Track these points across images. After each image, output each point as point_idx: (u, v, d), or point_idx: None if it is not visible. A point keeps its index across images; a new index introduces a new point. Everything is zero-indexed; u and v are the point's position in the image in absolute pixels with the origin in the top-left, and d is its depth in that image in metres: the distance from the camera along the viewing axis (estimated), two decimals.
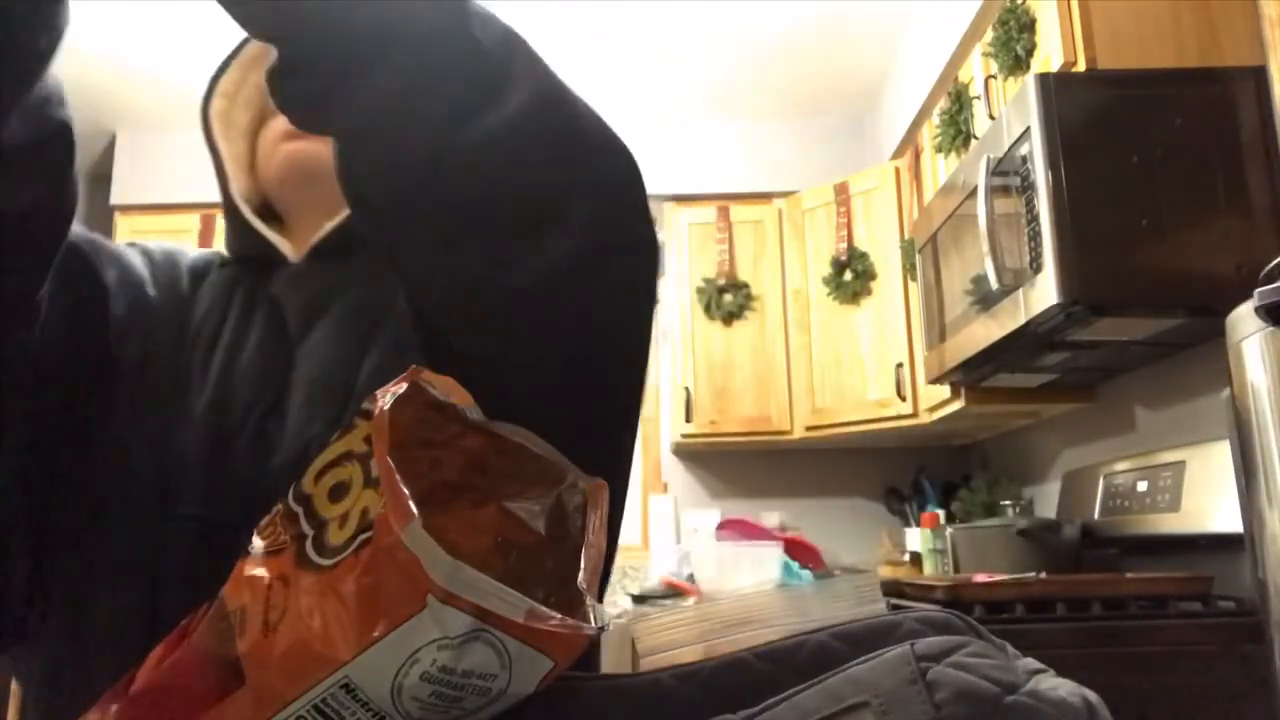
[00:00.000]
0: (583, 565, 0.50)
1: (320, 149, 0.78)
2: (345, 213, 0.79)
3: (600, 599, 0.51)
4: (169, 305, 0.78)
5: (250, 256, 0.82)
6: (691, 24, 3.04)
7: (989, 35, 2.25)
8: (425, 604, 0.41)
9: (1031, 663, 0.37)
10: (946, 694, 0.35)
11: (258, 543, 0.50)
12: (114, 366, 0.73)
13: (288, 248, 0.81)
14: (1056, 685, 0.35)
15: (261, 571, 0.47)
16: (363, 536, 0.44)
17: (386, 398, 0.48)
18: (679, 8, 2.95)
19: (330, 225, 0.80)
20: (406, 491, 0.43)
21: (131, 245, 0.82)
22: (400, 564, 0.41)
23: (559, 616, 0.44)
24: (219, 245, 0.87)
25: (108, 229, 3.56)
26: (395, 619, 0.41)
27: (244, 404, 0.73)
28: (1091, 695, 0.35)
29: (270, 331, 0.77)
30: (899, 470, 3.55)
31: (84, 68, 3.24)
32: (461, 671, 0.43)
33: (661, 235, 3.69)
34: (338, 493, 0.47)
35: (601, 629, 0.46)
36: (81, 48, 3.12)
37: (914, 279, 2.77)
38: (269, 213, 0.86)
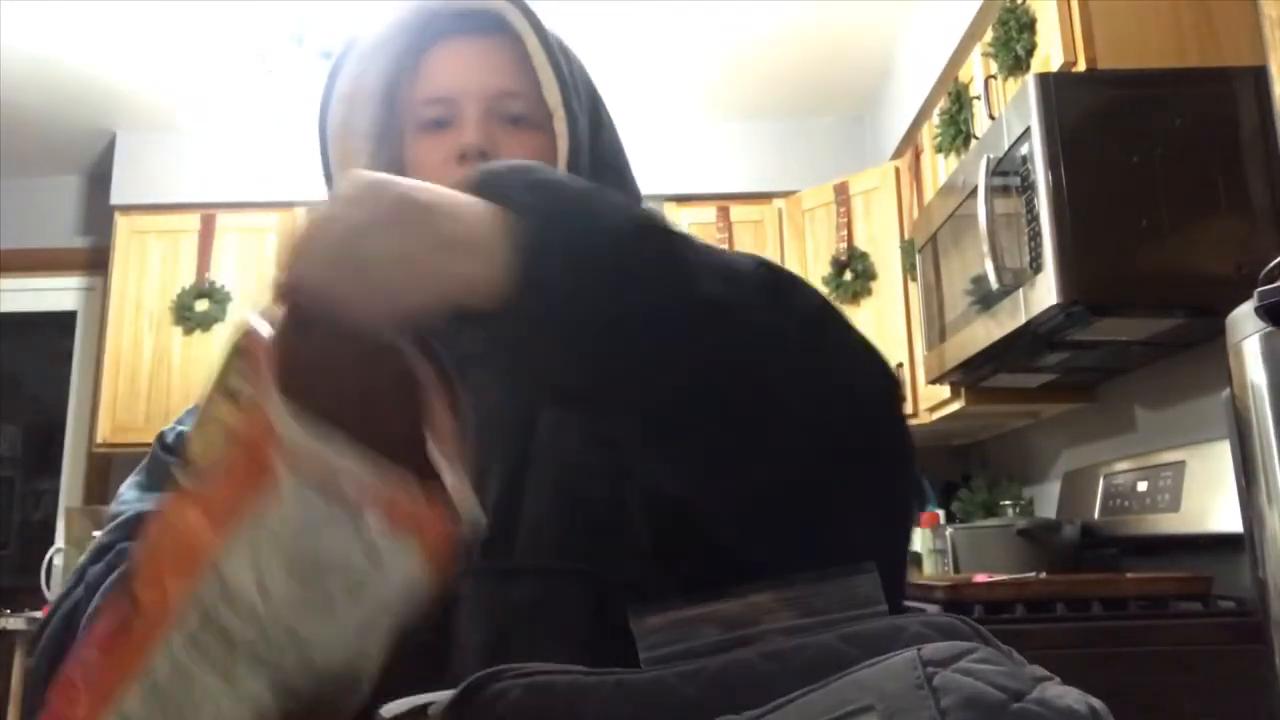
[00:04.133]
0: (437, 435, 0.49)
1: None
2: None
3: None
4: None
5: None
6: (691, 24, 3.04)
7: (989, 35, 2.25)
8: (278, 477, 0.41)
9: (1038, 670, 0.37)
10: (952, 700, 0.35)
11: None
12: None
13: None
14: (1063, 693, 0.35)
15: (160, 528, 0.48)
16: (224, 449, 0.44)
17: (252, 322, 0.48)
18: (678, 7, 2.95)
19: None
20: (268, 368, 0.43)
21: None
22: (250, 440, 0.42)
23: (415, 488, 0.43)
24: (220, 246, 0.80)
25: (108, 229, 3.55)
26: (252, 504, 0.42)
27: (489, 452, 0.67)
28: (1097, 703, 0.35)
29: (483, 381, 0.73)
30: None
31: (84, 68, 3.24)
32: (322, 550, 0.42)
33: None
34: (205, 432, 0.47)
35: (474, 522, 0.44)
36: (81, 47, 3.12)
37: (914, 279, 2.77)
38: None
